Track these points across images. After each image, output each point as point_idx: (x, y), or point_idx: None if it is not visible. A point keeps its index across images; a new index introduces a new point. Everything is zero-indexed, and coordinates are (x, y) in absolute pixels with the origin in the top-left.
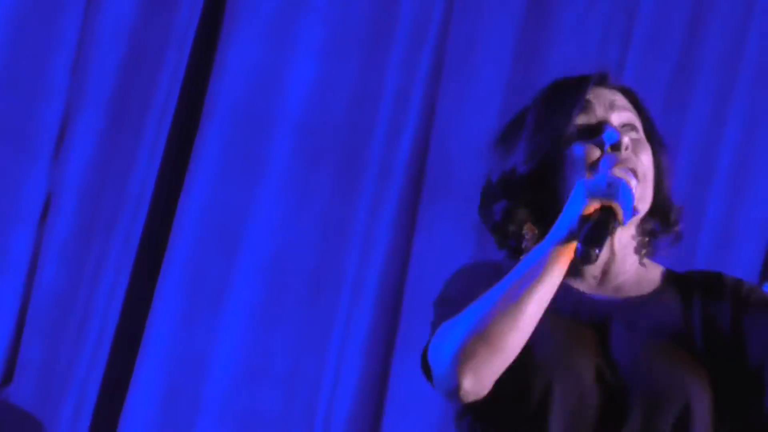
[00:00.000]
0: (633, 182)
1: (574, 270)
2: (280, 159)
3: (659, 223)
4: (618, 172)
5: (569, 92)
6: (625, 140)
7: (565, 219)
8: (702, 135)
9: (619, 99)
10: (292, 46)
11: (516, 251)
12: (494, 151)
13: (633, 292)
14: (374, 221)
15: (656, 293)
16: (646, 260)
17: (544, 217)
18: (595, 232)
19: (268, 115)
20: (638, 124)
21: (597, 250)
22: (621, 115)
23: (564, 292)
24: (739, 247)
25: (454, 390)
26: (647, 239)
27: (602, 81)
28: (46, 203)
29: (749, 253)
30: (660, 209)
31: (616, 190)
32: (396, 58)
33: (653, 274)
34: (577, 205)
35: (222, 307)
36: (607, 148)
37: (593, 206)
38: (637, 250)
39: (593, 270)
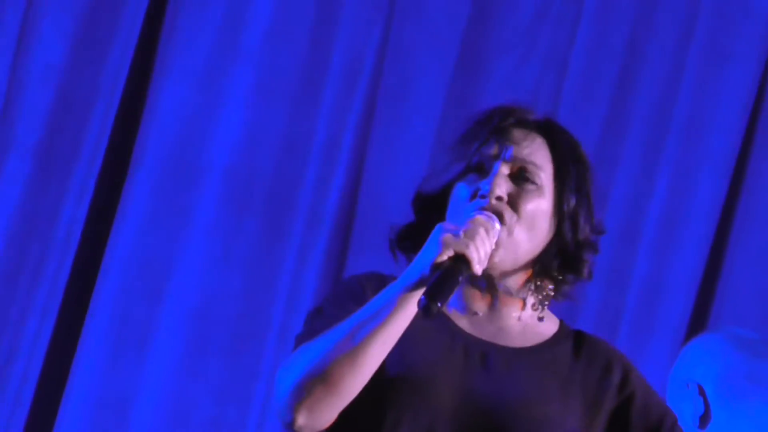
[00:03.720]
0: (497, 226)
1: (458, 304)
2: (207, 206)
3: (555, 274)
4: (481, 218)
5: (483, 126)
6: (497, 191)
7: (418, 264)
8: (631, 191)
9: (527, 144)
10: (222, 92)
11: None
12: None
13: (514, 342)
14: (302, 270)
15: (540, 348)
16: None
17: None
18: (440, 285)
19: (197, 162)
20: (542, 170)
21: (439, 305)
22: (515, 163)
23: (442, 324)
24: (666, 303)
25: (289, 424)
26: (539, 292)
27: (519, 123)
28: None
29: (676, 309)
30: (557, 258)
31: (472, 237)
32: (326, 105)
33: (544, 327)
34: (431, 251)
35: (146, 354)
36: (479, 196)
37: (446, 254)
38: (525, 299)
39: (476, 307)
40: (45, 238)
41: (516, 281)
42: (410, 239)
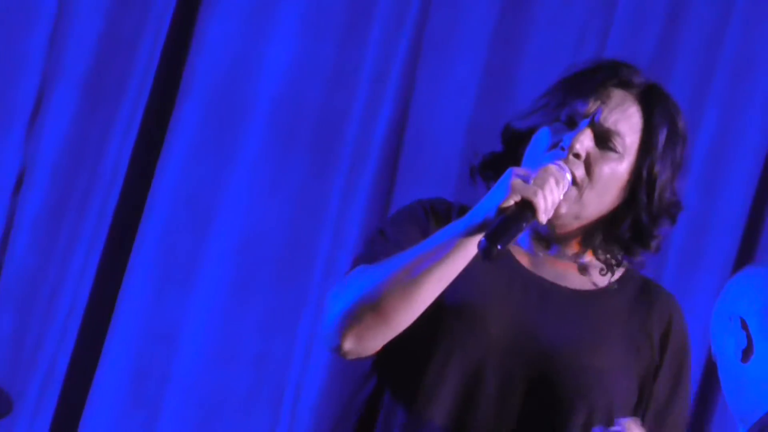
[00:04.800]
0: (568, 177)
1: (522, 242)
2: (255, 138)
3: (623, 242)
4: (552, 168)
5: (585, 80)
6: (577, 147)
7: (484, 206)
8: None
9: (620, 110)
10: (270, 24)
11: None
12: None
13: (575, 283)
14: (348, 202)
15: (601, 293)
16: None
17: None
18: (503, 229)
19: (245, 94)
20: (626, 138)
21: (499, 247)
22: (602, 126)
23: (505, 259)
24: (714, 238)
25: (336, 348)
26: (604, 255)
27: (621, 84)
28: (19, 177)
29: (724, 244)
30: (630, 229)
31: (541, 185)
32: (374, 39)
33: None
34: (498, 194)
35: (193, 285)
36: (560, 147)
37: (513, 198)
38: (585, 251)
39: (539, 248)
40: (92, 170)
41: (576, 243)
42: (493, 168)
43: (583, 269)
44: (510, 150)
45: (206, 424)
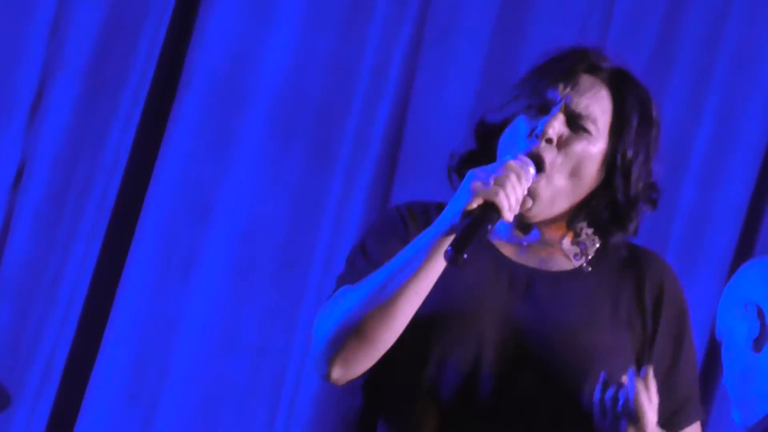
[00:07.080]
0: (531, 170)
1: (503, 233)
2: (255, 130)
3: (602, 226)
4: (513, 164)
5: (554, 67)
6: (550, 132)
7: (449, 212)
8: (679, 119)
9: (590, 94)
10: (271, 17)
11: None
12: None
13: (560, 265)
14: (348, 195)
15: (583, 272)
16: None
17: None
18: (467, 235)
19: (245, 86)
20: (597, 121)
21: (465, 256)
22: (572, 111)
23: (486, 253)
24: (713, 233)
25: (325, 376)
26: (581, 240)
27: (590, 69)
28: (19, 168)
29: (723, 238)
30: (606, 211)
31: (501, 185)
32: (375, 32)
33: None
34: (461, 200)
35: (193, 277)
36: (534, 135)
37: (476, 202)
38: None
39: (520, 236)
40: (92, 162)
41: (555, 230)
42: (469, 167)
43: (566, 251)
44: (485, 145)
45: (205, 415)
